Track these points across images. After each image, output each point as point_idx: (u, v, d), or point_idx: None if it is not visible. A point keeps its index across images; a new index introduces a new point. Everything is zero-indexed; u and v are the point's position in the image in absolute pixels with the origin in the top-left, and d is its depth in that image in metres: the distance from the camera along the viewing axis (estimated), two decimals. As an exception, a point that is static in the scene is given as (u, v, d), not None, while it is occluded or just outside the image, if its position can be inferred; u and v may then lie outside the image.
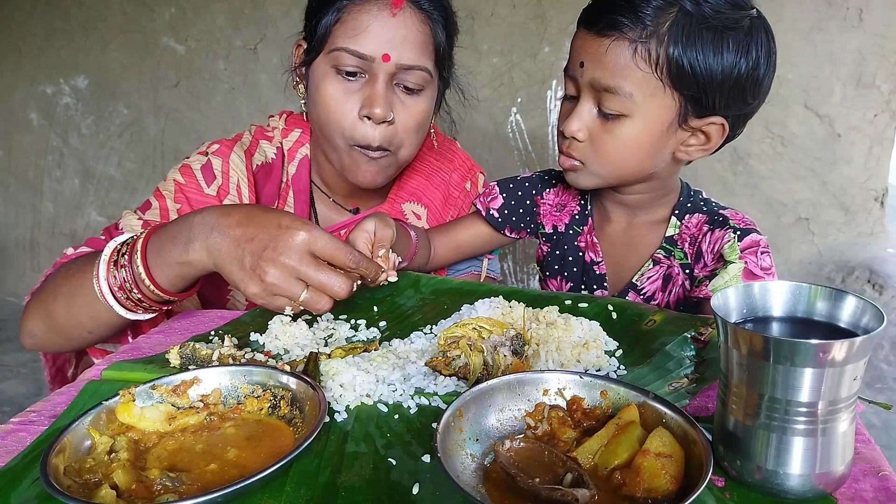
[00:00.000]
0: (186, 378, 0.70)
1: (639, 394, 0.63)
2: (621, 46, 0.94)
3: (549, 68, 2.99)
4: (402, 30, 1.05)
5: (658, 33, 0.92)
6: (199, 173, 1.16)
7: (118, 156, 3.49)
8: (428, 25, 1.08)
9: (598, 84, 0.97)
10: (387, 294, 1.03)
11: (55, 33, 3.37)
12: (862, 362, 0.53)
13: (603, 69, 0.96)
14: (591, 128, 1.00)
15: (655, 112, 0.97)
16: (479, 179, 1.38)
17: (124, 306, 0.88)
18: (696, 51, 0.92)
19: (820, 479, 0.55)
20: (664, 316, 0.91)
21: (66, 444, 0.60)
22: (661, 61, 0.93)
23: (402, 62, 1.06)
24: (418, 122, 1.12)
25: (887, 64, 2.78)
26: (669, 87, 0.94)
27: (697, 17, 0.91)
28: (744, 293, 0.62)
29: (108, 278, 0.86)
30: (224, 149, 1.20)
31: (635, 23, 0.92)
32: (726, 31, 0.92)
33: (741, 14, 0.93)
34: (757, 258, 0.98)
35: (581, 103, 1.00)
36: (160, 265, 0.86)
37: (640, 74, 0.94)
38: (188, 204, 1.14)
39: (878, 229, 3.02)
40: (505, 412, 0.65)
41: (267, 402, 0.69)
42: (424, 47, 1.08)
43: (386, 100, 1.06)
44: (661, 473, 0.54)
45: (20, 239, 3.65)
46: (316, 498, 0.57)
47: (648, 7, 0.92)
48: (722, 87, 0.94)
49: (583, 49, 0.99)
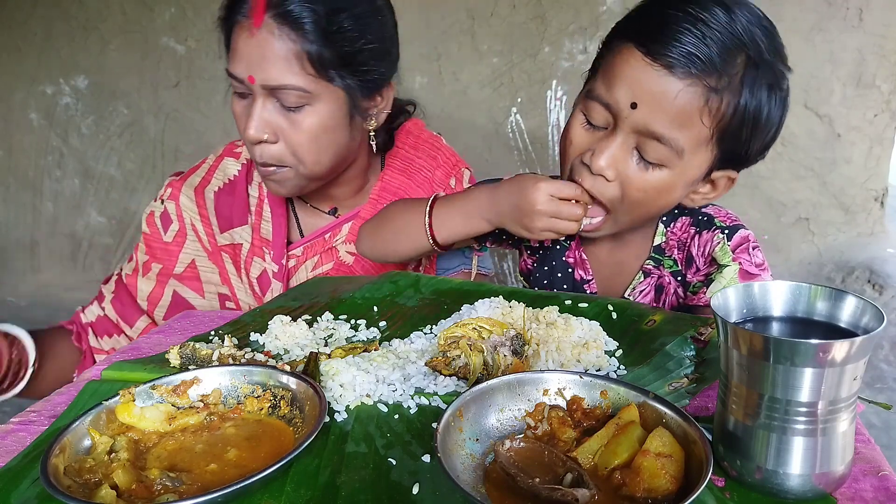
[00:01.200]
0: (186, 378, 0.70)
1: (639, 394, 0.63)
2: (695, 92, 0.83)
3: (549, 68, 2.99)
4: (259, 49, 1.00)
5: (731, 84, 0.84)
6: (159, 221, 1.24)
7: (118, 156, 3.49)
8: (293, 40, 1.00)
9: (647, 130, 0.86)
10: (387, 294, 1.03)
11: (55, 33, 3.37)
12: (862, 362, 0.53)
13: (663, 115, 0.84)
14: (622, 168, 0.91)
15: (693, 165, 0.90)
16: (465, 175, 1.35)
17: None
18: (758, 107, 0.86)
19: (820, 479, 0.55)
20: (664, 316, 0.91)
21: (66, 444, 0.60)
22: (724, 117, 0.85)
23: (267, 83, 1.02)
24: (308, 138, 1.06)
25: (887, 64, 2.78)
26: (716, 141, 0.88)
27: (761, 68, 0.85)
28: (744, 293, 0.62)
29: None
30: (175, 192, 1.25)
31: (713, 66, 0.82)
32: (777, 89, 0.88)
33: (787, 68, 0.89)
34: (750, 255, 0.97)
35: (616, 141, 0.89)
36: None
37: (699, 128, 0.85)
38: (151, 255, 1.24)
39: (878, 229, 3.02)
40: (505, 412, 0.65)
41: (267, 402, 0.69)
42: (290, 64, 1.01)
43: (259, 121, 1.04)
44: (661, 473, 0.54)
45: (20, 239, 3.65)
46: (316, 498, 0.57)
47: (722, 47, 0.82)
48: (758, 146, 0.91)
49: (639, 84, 0.85)
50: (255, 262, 1.25)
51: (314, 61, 1.02)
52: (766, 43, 0.86)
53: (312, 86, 1.03)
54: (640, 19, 0.90)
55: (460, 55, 3.03)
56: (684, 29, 0.83)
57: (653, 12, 0.88)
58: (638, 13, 0.92)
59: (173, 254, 1.25)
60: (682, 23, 0.83)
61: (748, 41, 0.84)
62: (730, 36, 0.83)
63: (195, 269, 1.25)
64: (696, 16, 0.83)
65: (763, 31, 0.86)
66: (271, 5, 0.99)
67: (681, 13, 0.84)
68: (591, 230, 0.98)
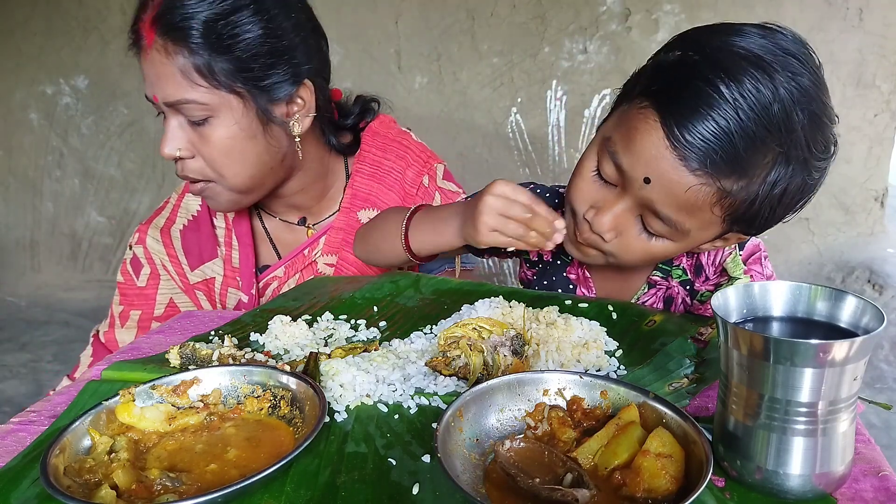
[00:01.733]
0: (186, 378, 0.70)
1: (639, 394, 0.63)
2: (706, 192, 0.78)
3: (549, 68, 2.99)
4: (154, 68, 1.01)
5: (751, 184, 0.78)
6: (130, 268, 1.24)
7: (118, 156, 3.49)
8: (182, 55, 0.99)
9: (654, 208, 0.82)
10: (387, 294, 1.03)
11: (55, 33, 3.37)
12: (862, 362, 0.53)
13: (671, 201, 0.80)
14: (623, 230, 0.87)
15: (700, 240, 0.87)
16: (438, 171, 1.29)
17: None
18: (779, 201, 0.80)
19: (820, 479, 0.55)
20: (664, 316, 0.91)
21: (66, 444, 0.60)
22: (740, 209, 0.80)
23: (165, 100, 1.02)
24: (221, 151, 1.05)
25: (887, 64, 2.78)
26: (728, 223, 0.83)
27: (794, 164, 0.77)
28: (744, 293, 0.62)
29: None
30: (142, 236, 1.25)
31: (732, 171, 0.76)
32: (810, 178, 0.80)
33: (829, 159, 0.81)
34: (762, 266, 0.96)
35: (622, 204, 0.85)
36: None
37: (709, 217, 0.81)
38: (127, 303, 1.24)
39: (878, 229, 3.02)
40: (505, 412, 0.65)
41: (267, 402, 0.69)
42: (183, 78, 1.00)
43: (171, 138, 1.04)
44: (661, 473, 0.54)
45: (20, 239, 3.65)
46: (316, 498, 0.57)
47: (750, 146, 0.74)
48: (780, 219, 0.85)
49: (654, 164, 0.78)
50: (230, 293, 1.24)
51: (205, 73, 1.00)
52: (808, 131, 0.76)
53: (208, 98, 1.01)
54: (669, 83, 0.79)
55: (460, 55, 3.03)
56: (711, 116, 0.74)
57: (683, 82, 0.77)
58: (668, 71, 0.81)
59: (150, 297, 1.24)
60: (711, 107, 0.74)
61: (783, 132, 0.75)
62: (763, 130, 0.74)
63: (175, 307, 1.24)
64: (728, 101, 0.73)
65: (808, 116, 0.76)
66: (157, 24, 0.99)
67: (713, 92, 0.74)
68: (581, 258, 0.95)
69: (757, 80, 0.74)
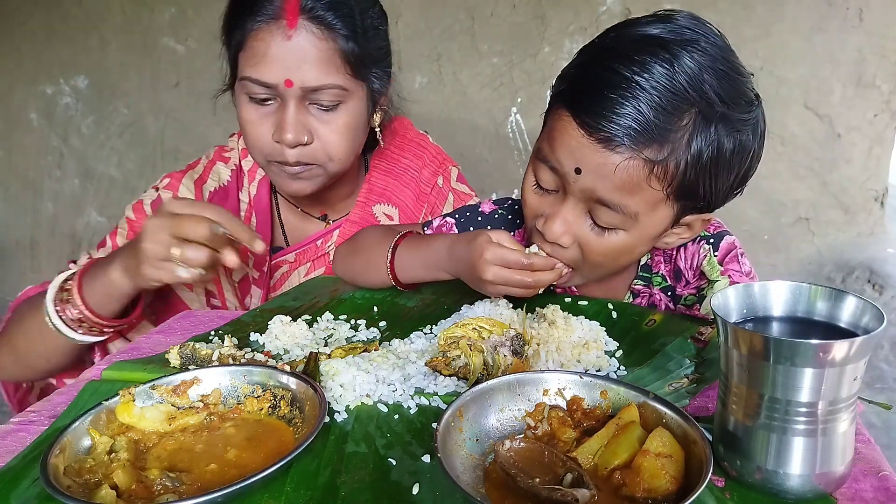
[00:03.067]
0: (186, 378, 0.70)
1: (639, 394, 0.63)
2: (635, 166, 0.78)
3: (549, 68, 2.98)
4: (300, 52, 1.01)
5: (676, 149, 0.78)
6: (149, 208, 1.20)
7: (118, 156, 3.49)
8: (329, 40, 1.02)
9: (595, 196, 0.82)
10: (387, 294, 1.03)
11: (55, 33, 3.37)
12: (862, 362, 0.53)
13: (607, 184, 0.80)
14: (577, 234, 0.86)
15: (654, 224, 0.86)
16: (452, 174, 1.34)
17: (70, 327, 0.98)
18: (711, 161, 0.80)
19: (820, 479, 0.55)
20: (664, 316, 0.91)
21: (66, 444, 0.60)
22: (676, 178, 0.80)
23: (307, 84, 1.02)
24: (341, 136, 1.09)
25: (887, 64, 2.78)
26: (674, 199, 0.83)
27: (715, 121, 0.78)
28: (744, 293, 0.62)
29: (57, 311, 0.97)
30: (174, 182, 1.22)
31: (651, 138, 0.76)
32: (739, 133, 0.80)
33: (752, 109, 0.82)
34: (739, 264, 0.95)
35: (567, 207, 0.85)
36: (90, 289, 0.97)
37: (649, 193, 0.81)
38: None
39: (878, 229, 3.02)
40: (505, 412, 0.65)
41: (267, 402, 0.69)
42: (329, 63, 1.02)
43: (297, 124, 1.04)
44: (661, 473, 0.54)
45: (20, 239, 3.64)
46: (316, 498, 0.57)
47: (662, 113, 0.76)
48: (727, 188, 0.86)
49: (579, 154, 0.80)
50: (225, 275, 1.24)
51: (350, 60, 1.04)
52: (720, 89, 0.78)
53: (347, 84, 1.06)
54: (574, 82, 0.83)
55: (460, 55, 3.03)
56: (617, 97, 0.76)
57: (585, 74, 0.82)
58: (572, 72, 0.85)
59: None
60: (615, 89, 0.76)
61: (695, 96, 0.77)
62: (671, 96, 0.76)
63: None
64: (631, 79, 0.76)
65: (717, 75, 0.78)
66: (304, 8, 1.00)
67: (615, 76, 0.77)
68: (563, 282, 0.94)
69: (654, 55, 0.77)
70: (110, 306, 0.98)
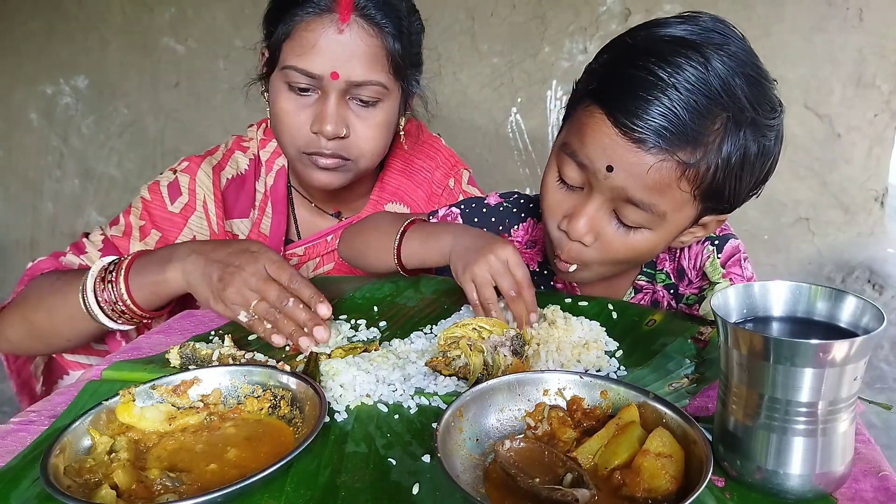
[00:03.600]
0: (186, 378, 0.70)
1: (639, 394, 0.63)
2: (668, 168, 0.79)
3: (549, 68, 2.99)
4: (349, 46, 1.03)
5: (708, 152, 0.79)
6: (165, 190, 1.20)
7: (118, 156, 3.49)
8: (378, 38, 1.05)
9: (626, 196, 0.82)
10: (387, 294, 1.03)
11: (55, 33, 3.37)
12: (862, 362, 0.53)
13: (638, 184, 0.80)
14: (601, 231, 0.86)
15: (678, 224, 0.87)
16: (464, 176, 1.36)
17: (108, 316, 0.97)
18: (738, 165, 0.81)
19: (820, 479, 0.55)
20: (664, 316, 0.91)
21: (66, 444, 0.60)
22: (705, 181, 0.81)
23: (352, 79, 1.04)
24: (376, 132, 1.11)
25: (887, 64, 2.78)
26: (700, 200, 0.84)
27: (745, 126, 0.79)
28: (744, 293, 0.62)
29: (96, 292, 0.95)
30: (192, 166, 1.22)
31: (686, 140, 0.77)
32: (764, 138, 0.82)
33: (777, 115, 0.83)
34: (741, 268, 0.96)
35: (592, 205, 0.85)
36: (138, 283, 0.95)
37: (679, 194, 0.81)
38: (151, 221, 1.18)
39: (878, 229, 3.02)
40: (505, 412, 0.65)
41: (267, 402, 0.69)
42: (375, 60, 1.05)
43: (337, 116, 1.06)
44: (661, 474, 0.54)
45: (20, 239, 3.65)
46: (316, 498, 0.57)
47: (697, 115, 0.76)
48: (748, 191, 0.87)
49: (612, 152, 0.80)
50: None
51: (395, 59, 1.07)
52: (749, 93, 0.79)
53: (389, 81, 1.08)
54: (606, 79, 0.83)
55: (460, 55, 3.03)
56: (653, 98, 0.76)
57: (618, 73, 0.82)
58: (604, 69, 0.85)
59: (177, 224, 1.20)
60: (651, 90, 0.77)
61: (727, 100, 0.78)
62: (705, 99, 0.77)
63: None
64: (667, 81, 0.76)
65: (747, 80, 0.79)
66: (357, 5, 1.02)
67: (650, 76, 0.77)
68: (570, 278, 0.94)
69: (688, 58, 0.77)
70: (155, 303, 0.97)
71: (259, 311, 0.86)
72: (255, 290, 0.87)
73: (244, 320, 0.87)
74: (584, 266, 0.91)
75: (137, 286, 0.95)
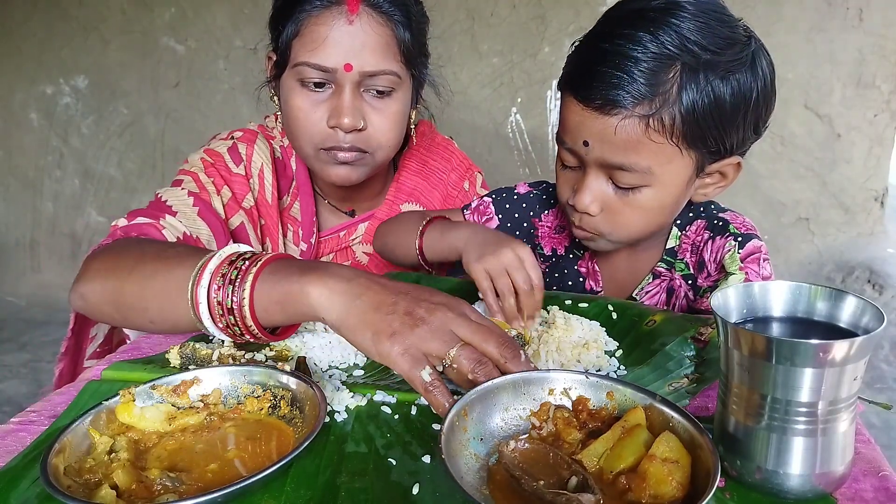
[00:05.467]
0: (186, 378, 0.70)
1: (646, 396, 0.62)
2: (631, 124, 0.84)
3: (549, 68, 2.99)
4: (360, 36, 1.03)
5: (667, 101, 0.83)
6: (227, 154, 1.17)
7: (118, 156, 3.49)
8: (388, 27, 1.05)
9: (607, 163, 0.89)
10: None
11: (55, 33, 3.37)
12: (862, 362, 0.53)
13: (612, 148, 0.87)
14: (604, 200, 0.93)
15: (674, 175, 0.90)
16: (478, 179, 1.38)
17: (215, 323, 0.77)
18: (709, 106, 0.84)
19: (820, 479, 0.55)
20: (664, 316, 0.91)
21: (66, 444, 0.60)
22: (675, 127, 0.85)
23: (366, 69, 1.04)
24: (392, 123, 1.11)
25: (887, 64, 2.78)
26: (685, 148, 0.87)
27: (702, 69, 0.83)
28: (744, 293, 0.62)
29: (210, 287, 0.75)
30: (249, 135, 1.21)
31: (641, 95, 0.83)
32: (732, 74, 0.84)
33: (741, 50, 0.85)
34: (759, 267, 0.96)
35: (589, 178, 0.92)
36: (266, 288, 0.74)
37: (654, 146, 0.86)
38: (220, 176, 1.13)
39: (878, 229, 3.02)
40: (510, 412, 0.65)
41: (267, 402, 0.69)
42: (387, 50, 1.05)
43: (354, 109, 1.06)
44: (667, 480, 0.53)
45: (20, 239, 3.65)
46: (316, 498, 0.57)
47: (648, 72, 0.82)
48: (738, 131, 0.89)
49: (583, 127, 0.88)
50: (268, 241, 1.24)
51: (406, 48, 1.07)
52: (703, 40, 0.82)
53: (401, 71, 1.08)
54: (571, 65, 0.92)
55: (460, 55, 3.03)
56: (606, 69, 0.84)
57: (579, 59, 0.91)
58: (570, 59, 0.93)
59: (243, 186, 1.15)
60: (603, 63, 0.84)
61: (677, 52, 0.82)
62: (654, 57, 0.82)
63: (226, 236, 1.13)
64: (616, 50, 0.83)
65: (699, 29, 0.83)
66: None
67: (602, 51, 0.85)
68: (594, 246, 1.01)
69: (636, 28, 0.84)
70: (277, 316, 0.75)
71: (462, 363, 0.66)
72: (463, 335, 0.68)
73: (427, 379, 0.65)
74: (599, 234, 0.97)
75: (264, 293, 0.74)
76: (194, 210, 1.05)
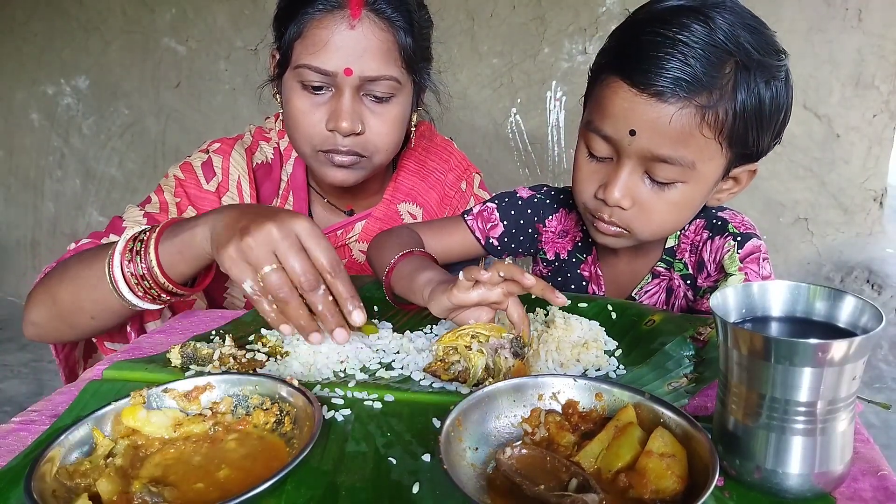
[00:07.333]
0: (199, 383, 0.69)
1: (634, 394, 0.63)
2: (688, 114, 0.83)
3: (549, 69, 2.99)
4: (362, 41, 1.03)
5: (724, 96, 0.83)
6: (199, 170, 1.18)
7: (119, 156, 3.49)
8: (390, 32, 1.05)
9: (652, 154, 0.86)
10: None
11: (56, 34, 3.37)
12: (861, 362, 0.53)
13: (663, 139, 0.84)
14: (636, 194, 0.91)
15: (710, 173, 0.90)
16: (475, 180, 1.38)
17: (134, 293, 0.88)
18: (756, 108, 0.85)
19: (819, 478, 0.55)
20: (663, 316, 0.91)
21: (65, 445, 0.60)
22: (725, 124, 0.85)
23: (366, 74, 1.04)
24: (391, 127, 1.11)
25: (886, 64, 2.78)
26: (727, 147, 0.88)
27: (753, 69, 0.84)
28: (743, 293, 0.62)
29: (122, 263, 0.87)
30: (225, 147, 1.22)
31: (701, 86, 0.82)
32: (774, 79, 0.86)
33: (781, 59, 0.87)
34: (758, 267, 0.96)
35: (624, 169, 0.89)
36: (167, 247, 0.86)
37: (702, 141, 0.85)
38: (187, 198, 1.16)
39: (877, 229, 3.02)
40: (501, 419, 0.65)
41: (273, 416, 0.68)
42: (388, 55, 1.05)
43: (352, 113, 1.06)
44: (667, 474, 0.54)
45: (21, 239, 3.65)
46: (316, 498, 0.58)
47: (708, 64, 0.82)
48: (769, 137, 0.91)
49: (633, 114, 0.85)
50: None
51: (407, 53, 1.07)
52: (753, 41, 0.84)
53: (402, 76, 1.08)
54: (619, 49, 0.89)
55: (460, 56, 3.03)
56: (664, 54, 0.82)
57: (630, 40, 0.88)
58: (616, 42, 0.91)
59: (213, 202, 1.17)
60: (662, 48, 0.82)
61: (733, 47, 0.83)
62: (712, 49, 0.82)
63: None
64: (674, 38, 0.82)
65: (748, 30, 0.84)
66: (368, 0, 1.03)
67: (658, 37, 0.83)
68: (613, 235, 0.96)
69: (690, 18, 0.83)
70: (180, 266, 0.87)
71: (271, 282, 0.74)
72: (281, 255, 0.75)
73: (248, 290, 0.76)
74: (629, 231, 0.94)
75: (166, 250, 0.86)
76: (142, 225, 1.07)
